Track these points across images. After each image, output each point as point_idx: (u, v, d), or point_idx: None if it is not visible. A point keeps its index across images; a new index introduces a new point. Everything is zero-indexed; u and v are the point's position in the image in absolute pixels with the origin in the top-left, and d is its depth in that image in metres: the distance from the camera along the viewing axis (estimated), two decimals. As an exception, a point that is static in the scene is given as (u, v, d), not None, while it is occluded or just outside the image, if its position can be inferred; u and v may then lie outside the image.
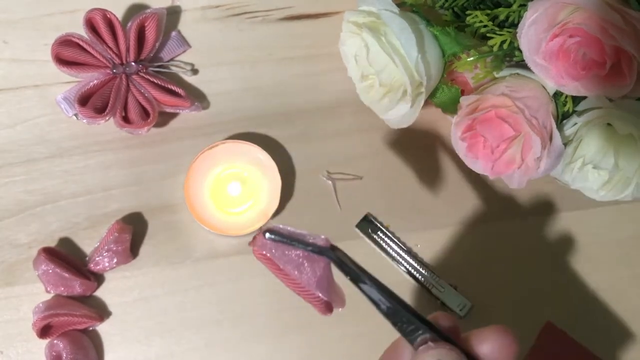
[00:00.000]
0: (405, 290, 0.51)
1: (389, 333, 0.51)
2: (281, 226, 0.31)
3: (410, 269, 0.51)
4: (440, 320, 0.33)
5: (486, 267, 0.53)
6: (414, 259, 0.52)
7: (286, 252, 0.31)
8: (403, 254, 0.52)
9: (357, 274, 0.31)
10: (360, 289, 0.31)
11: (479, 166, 0.49)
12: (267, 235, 0.31)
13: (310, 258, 0.31)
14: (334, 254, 0.31)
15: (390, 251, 0.52)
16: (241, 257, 0.51)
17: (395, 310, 0.31)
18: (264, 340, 0.50)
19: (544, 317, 0.52)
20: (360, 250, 0.52)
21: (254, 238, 0.32)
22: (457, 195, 0.54)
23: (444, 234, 0.53)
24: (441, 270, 0.52)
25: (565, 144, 0.47)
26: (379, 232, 0.52)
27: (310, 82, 0.55)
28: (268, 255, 0.31)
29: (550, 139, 0.46)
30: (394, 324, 0.31)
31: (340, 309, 0.34)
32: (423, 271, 0.51)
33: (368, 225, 0.52)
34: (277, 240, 0.31)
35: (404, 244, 0.52)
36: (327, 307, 0.33)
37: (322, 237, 0.31)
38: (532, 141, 0.45)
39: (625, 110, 0.46)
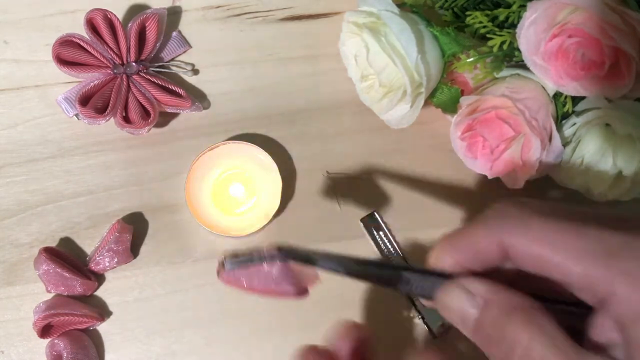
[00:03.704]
0: (390, 297, 0.51)
1: (388, 331, 0.51)
2: (233, 252, 0.34)
3: None
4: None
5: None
6: None
7: (248, 272, 0.34)
8: (398, 259, 0.51)
9: (310, 258, 0.33)
10: (322, 267, 0.33)
11: (477, 166, 0.49)
12: (227, 266, 0.33)
13: (268, 266, 0.33)
14: (282, 256, 0.33)
15: (387, 253, 0.52)
16: (241, 257, 0.51)
17: (364, 269, 0.33)
18: (264, 340, 0.50)
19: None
20: (358, 249, 0.52)
21: (218, 271, 0.34)
22: (456, 195, 0.54)
23: (442, 234, 0.53)
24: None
25: (564, 145, 0.47)
26: (380, 232, 0.52)
27: (310, 82, 0.55)
28: (235, 283, 0.34)
29: (550, 139, 0.46)
30: (375, 281, 0.33)
31: (315, 284, 0.35)
32: None
33: (372, 221, 0.52)
34: (236, 265, 0.33)
35: (401, 250, 0.52)
36: (300, 293, 0.36)
37: (265, 248, 0.33)
38: (531, 142, 0.46)
39: (624, 111, 0.46)
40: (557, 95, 0.47)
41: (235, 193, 0.51)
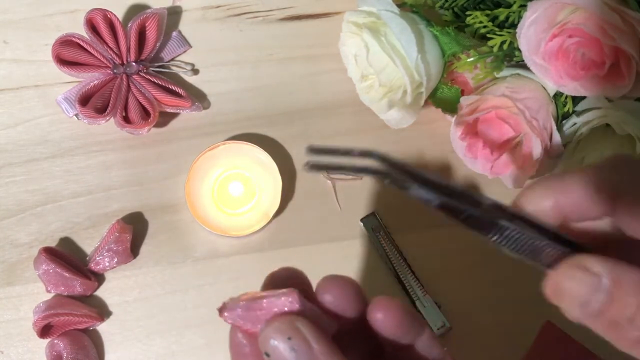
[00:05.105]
0: (390, 294, 0.51)
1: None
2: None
3: (400, 276, 0.51)
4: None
5: (485, 266, 0.53)
6: (408, 269, 0.51)
7: (252, 312, 0.28)
8: (397, 260, 0.51)
9: (404, 184, 0.26)
10: (413, 195, 0.27)
11: (478, 166, 0.49)
12: (310, 166, 0.26)
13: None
14: (379, 157, 0.26)
15: (386, 254, 0.52)
16: (241, 257, 0.51)
17: (457, 206, 0.27)
18: (264, 340, 0.50)
19: (543, 317, 0.52)
20: (357, 249, 0.52)
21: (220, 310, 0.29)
22: (456, 195, 0.54)
23: (443, 234, 0.53)
24: (437, 270, 0.52)
25: (565, 145, 0.47)
26: (380, 232, 0.52)
27: (310, 82, 0.55)
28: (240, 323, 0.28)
29: (550, 139, 0.46)
30: (464, 222, 0.28)
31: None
32: (413, 282, 0.51)
33: (372, 222, 0.52)
34: (321, 166, 0.26)
35: (400, 251, 0.52)
36: None
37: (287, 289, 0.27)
38: (532, 142, 0.45)
39: (624, 111, 0.46)
40: (557, 95, 0.47)
41: (235, 193, 0.51)
